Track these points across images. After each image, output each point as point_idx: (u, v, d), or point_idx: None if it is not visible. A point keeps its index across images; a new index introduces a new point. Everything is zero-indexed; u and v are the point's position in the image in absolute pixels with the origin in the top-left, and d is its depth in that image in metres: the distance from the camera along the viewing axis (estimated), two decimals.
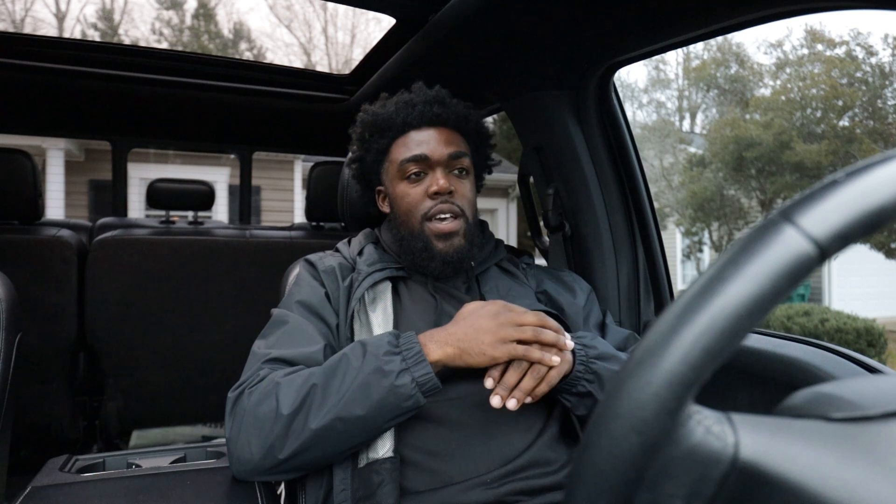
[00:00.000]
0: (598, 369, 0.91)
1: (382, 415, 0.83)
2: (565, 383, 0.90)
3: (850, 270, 10.60)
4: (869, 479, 0.28)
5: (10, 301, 1.02)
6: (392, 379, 0.82)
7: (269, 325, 0.99)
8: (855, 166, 0.31)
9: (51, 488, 0.93)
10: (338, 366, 0.86)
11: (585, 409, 0.93)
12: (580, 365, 0.90)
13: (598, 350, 0.94)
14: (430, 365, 0.84)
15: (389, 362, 0.83)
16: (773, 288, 0.29)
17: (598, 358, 0.92)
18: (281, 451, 0.83)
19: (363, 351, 0.86)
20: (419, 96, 1.05)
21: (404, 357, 0.84)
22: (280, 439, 0.83)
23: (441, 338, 0.87)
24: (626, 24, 1.18)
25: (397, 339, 0.87)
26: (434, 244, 0.99)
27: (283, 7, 21.44)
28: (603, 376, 0.91)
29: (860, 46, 9.01)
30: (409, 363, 0.84)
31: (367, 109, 1.09)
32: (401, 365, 0.83)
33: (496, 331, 0.85)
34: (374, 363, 0.84)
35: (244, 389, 0.88)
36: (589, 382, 0.91)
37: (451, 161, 1.01)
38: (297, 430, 0.83)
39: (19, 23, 14.79)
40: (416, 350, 0.85)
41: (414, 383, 0.83)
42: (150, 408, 2.15)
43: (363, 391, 0.82)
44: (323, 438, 0.83)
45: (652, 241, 1.47)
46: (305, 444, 0.83)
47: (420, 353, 0.85)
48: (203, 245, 2.12)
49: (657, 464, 0.29)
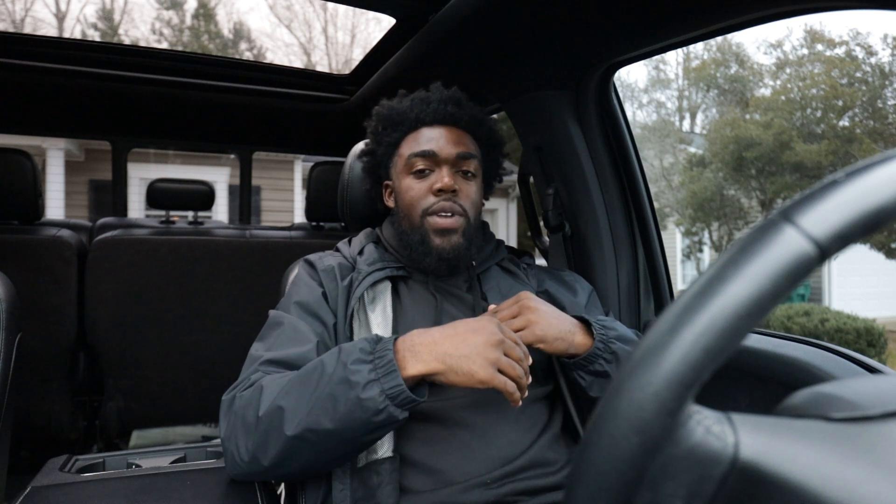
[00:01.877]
0: (617, 350, 0.94)
1: (353, 429, 0.77)
2: (583, 359, 0.93)
3: (850, 270, 10.60)
4: (869, 479, 0.28)
5: (10, 301, 1.02)
6: (358, 391, 0.76)
7: (265, 328, 0.99)
8: (855, 166, 0.31)
9: (51, 488, 0.93)
10: (312, 372, 0.81)
11: (599, 391, 0.94)
12: (600, 343, 0.93)
13: (618, 331, 0.96)
14: (400, 376, 0.76)
15: (356, 372, 0.77)
16: (773, 288, 0.29)
17: (618, 339, 0.95)
18: (264, 457, 0.80)
19: (337, 357, 0.80)
20: (435, 94, 1.06)
21: (375, 366, 0.77)
22: (261, 446, 0.80)
23: (427, 349, 0.80)
24: (626, 24, 1.18)
25: (373, 346, 0.80)
26: (431, 239, 0.99)
27: (283, 7, 21.45)
28: (621, 358, 0.93)
29: (860, 46, 9.01)
30: (378, 373, 0.77)
31: (383, 104, 1.10)
32: (369, 375, 0.76)
33: (489, 352, 0.79)
34: (341, 372, 0.78)
35: (236, 393, 0.88)
36: (607, 362, 0.93)
37: (458, 161, 1.02)
38: (274, 436, 0.79)
39: (19, 23, 14.78)
40: (388, 359, 0.78)
41: (383, 396, 0.75)
42: (150, 408, 2.14)
43: (331, 402, 0.77)
44: (299, 448, 0.79)
45: (652, 241, 1.47)
46: (285, 452, 0.79)
47: (391, 363, 0.77)
48: (203, 245, 2.12)
49: (657, 464, 0.29)
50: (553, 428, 0.97)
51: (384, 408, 0.76)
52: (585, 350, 0.93)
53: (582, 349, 0.93)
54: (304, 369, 0.83)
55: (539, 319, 0.91)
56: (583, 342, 0.94)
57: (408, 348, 0.80)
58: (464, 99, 1.07)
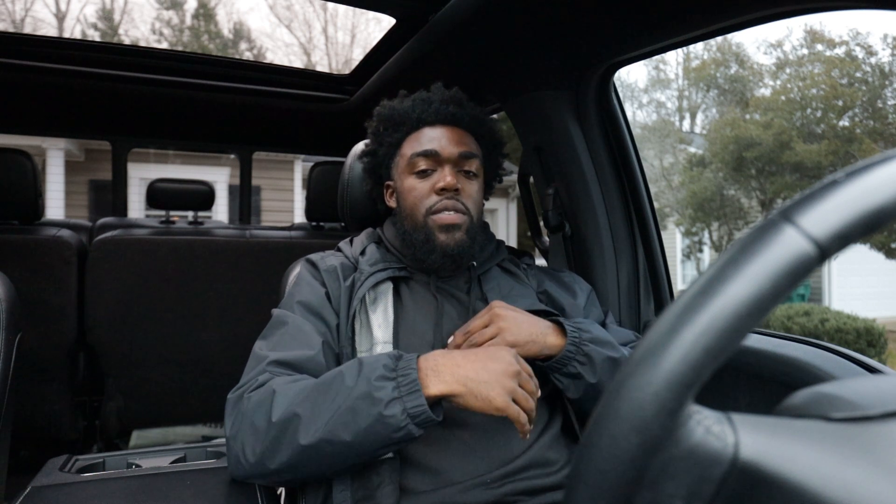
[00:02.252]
0: (590, 352, 0.94)
1: (371, 443, 0.78)
2: (556, 362, 0.93)
3: (850, 270, 10.60)
4: (869, 479, 0.28)
5: (10, 301, 1.02)
6: (381, 408, 0.77)
7: (269, 326, 0.99)
8: (855, 166, 0.31)
9: (51, 488, 0.93)
10: (332, 383, 0.82)
11: (577, 393, 0.95)
12: (571, 345, 0.93)
13: (593, 334, 0.96)
14: (423, 396, 0.77)
15: (380, 388, 0.78)
16: (773, 288, 0.29)
17: (592, 341, 0.95)
18: (272, 462, 0.81)
19: (358, 371, 0.81)
20: (437, 95, 1.07)
21: (399, 384, 0.78)
22: (270, 450, 0.81)
23: (450, 370, 0.80)
24: (626, 24, 1.18)
25: (395, 362, 0.81)
26: (436, 236, 0.99)
27: (283, 7, 21.44)
28: (595, 360, 0.93)
29: (860, 46, 9.01)
30: (402, 391, 0.77)
31: (384, 104, 1.10)
32: (392, 393, 0.77)
33: (507, 382, 0.80)
34: (364, 387, 0.78)
35: (243, 393, 0.87)
36: (580, 364, 0.93)
37: (460, 160, 1.02)
38: (286, 443, 0.80)
39: (19, 23, 14.79)
40: (412, 378, 0.79)
41: (405, 414, 0.76)
42: (150, 408, 2.14)
43: (351, 416, 0.77)
44: (313, 457, 0.79)
45: (652, 241, 1.47)
46: (295, 458, 0.80)
47: (415, 382, 0.78)
48: (203, 245, 2.12)
49: (657, 464, 0.29)
50: (553, 428, 0.97)
51: (405, 425, 0.76)
52: (559, 351, 0.93)
53: (555, 350, 0.94)
54: (322, 379, 0.84)
55: (509, 325, 0.92)
56: (555, 343, 0.94)
57: (431, 367, 0.81)
58: (465, 99, 1.08)
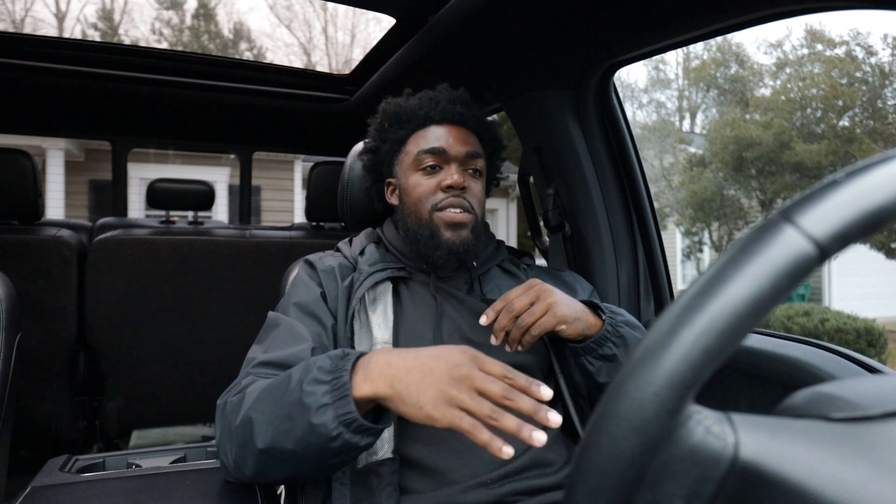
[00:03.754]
0: (625, 334, 0.95)
1: (315, 453, 0.70)
2: (594, 342, 0.94)
3: (850, 270, 10.60)
4: (869, 479, 0.28)
5: (10, 301, 1.02)
6: (310, 415, 0.69)
7: (263, 330, 0.98)
8: (855, 166, 0.31)
9: (51, 488, 0.93)
10: (279, 385, 0.76)
11: (608, 376, 0.95)
12: (608, 325, 0.94)
13: (625, 317, 0.98)
14: (352, 401, 0.68)
15: (311, 394, 0.70)
16: (773, 288, 0.29)
17: (626, 324, 0.97)
18: (245, 468, 0.78)
19: (303, 371, 0.74)
20: (444, 94, 1.07)
21: (333, 387, 0.70)
22: (241, 455, 0.78)
23: (379, 369, 0.70)
24: (626, 24, 1.18)
25: (336, 362, 0.72)
26: (442, 233, 1.00)
27: (283, 7, 21.44)
28: (629, 342, 0.95)
29: (860, 46, 9.01)
30: (334, 396, 0.69)
31: (389, 101, 1.10)
32: (322, 399, 0.69)
33: (445, 387, 0.66)
34: (297, 392, 0.71)
35: (227, 398, 0.86)
36: (615, 345, 0.94)
37: (467, 159, 1.03)
38: (249, 447, 0.76)
39: (19, 23, 14.78)
40: (343, 380, 0.70)
41: (336, 422, 0.68)
42: (150, 408, 2.14)
43: (289, 423, 0.71)
44: (272, 462, 0.75)
45: (652, 241, 1.47)
46: (260, 463, 0.76)
47: (346, 386, 0.69)
48: (203, 245, 2.12)
49: (657, 464, 0.29)
50: (553, 428, 0.97)
51: (337, 434, 0.68)
52: (596, 332, 0.94)
53: (594, 330, 0.95)
54: (276, 379, 0.78)
55: (559, 300, 0.91)
56: (595, 322, 0.96)
57: (362, 366, 0.72)
58: (470, 100, 1.09)
